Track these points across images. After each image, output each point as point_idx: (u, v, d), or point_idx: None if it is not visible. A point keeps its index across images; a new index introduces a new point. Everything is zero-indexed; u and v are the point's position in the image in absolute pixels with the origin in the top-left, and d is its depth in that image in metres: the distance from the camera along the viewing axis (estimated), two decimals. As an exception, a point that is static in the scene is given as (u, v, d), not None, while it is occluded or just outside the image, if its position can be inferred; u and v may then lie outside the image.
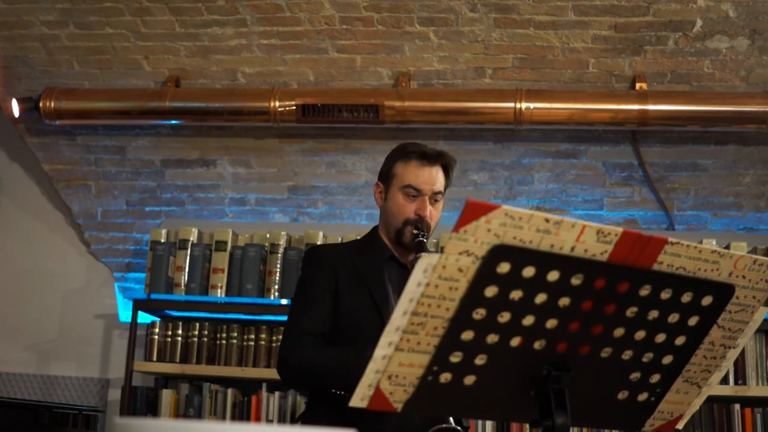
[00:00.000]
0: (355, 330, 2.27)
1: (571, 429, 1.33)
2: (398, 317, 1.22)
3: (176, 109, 4.16)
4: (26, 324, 4.61)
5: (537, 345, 1.30)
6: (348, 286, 2.32)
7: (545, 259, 1.22)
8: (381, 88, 4.12)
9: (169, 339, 4.15)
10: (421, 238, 2.30)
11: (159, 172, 4.49)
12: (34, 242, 4.70)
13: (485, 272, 1.20)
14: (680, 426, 1.52)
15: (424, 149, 2.41)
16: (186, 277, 4.20)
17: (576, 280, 1.25)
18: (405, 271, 2.39)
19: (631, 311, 1.31)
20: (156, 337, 4.16)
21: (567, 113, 3.96)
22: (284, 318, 4.09)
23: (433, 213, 2.38)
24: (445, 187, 2.43)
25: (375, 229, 2.49)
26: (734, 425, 3.80)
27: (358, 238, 2.60)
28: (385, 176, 2.44)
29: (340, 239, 4.15)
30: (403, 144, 2.49)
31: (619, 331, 1.33)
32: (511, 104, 3.96)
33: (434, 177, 2.38)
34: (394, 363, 1.25)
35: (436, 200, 2.39)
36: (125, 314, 4.47)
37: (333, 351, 2.23)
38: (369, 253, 2.41)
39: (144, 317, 4.24)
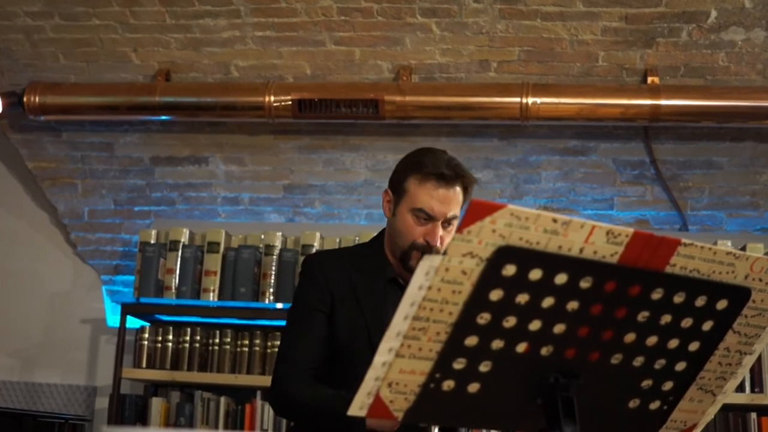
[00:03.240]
0: (346, 356, 2.24)
1: (579, 439, 1.33)
2: (399, 322, 1.22)
3: (166, 105, 4.16)
4: (9, 329, 4.61)
5: (544, 351, 1.30)
6: (343, 309, 2.26)
7: (553, 261, 1.22)
8: (381, 82, 4.12)
9: (159, 345, 4.15)
10: None
11: (148, 170, 4.49)
12: (18, 243, 4.71)
13: (490, 275, 1.20)
14: (694, 436, 1.52)
15: (443, 170, 2.22)
16: (177, 280, 4.20)
17: (585, 283, 1.25)
18: None
19: (642, 316, 1.31)
20: (145, 342, 4.16)
21: (575, 108, 3.96)
22: (280, 323, 4.11)
23: (445, 238, 2.23)
24: (462, 205, 2.26)
25: (381, 238, 2.39)
26: (750, 435, 3.80)
27: (362, 242, 2.50)
28: (396, 188, 2.31)
29: (338, 240, 4.16)
30: (421, 155, 2.31)
31: (630, 337, 1.33)
32: (517, 99, 3.96)
33: (450, 200, 2.22)
34: (394, 370, 1.25)
35: (449, 224, 2.24)
36: (113, 319, 4.47)
37: (329, 396, 2.15)
38: (371, 271, 2.31)
39: (133, 322, 4.24)
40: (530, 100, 3.95)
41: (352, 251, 2.45)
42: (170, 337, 4.15)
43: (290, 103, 4.07)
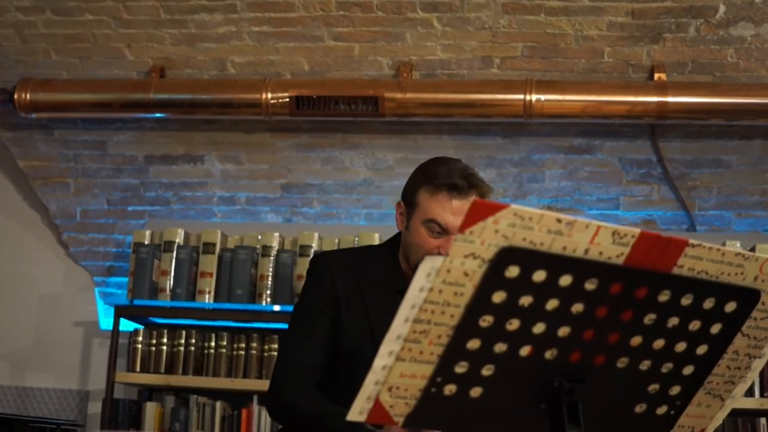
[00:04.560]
0: (351, 363, 2.22)
1: (584, 444, 1.33)
2: (399, 324, 1.22)
3: (161, 102, 4.16)
4: (0, 332, 4.61)
5: (548, 354, 1.30)
6: (349, 316, 2.24)
7: (557, 263, 1.21)
8: (381, 78, 4.12)
9: (154, 348, 4.15)
10: None
11: (142, 169, 4.49)
12: (9, 244, 4.70)
13: (493, 276, 1.20)
14: (702, 441, 1.52)
15: (456, 180, 2.18)
16: (171, 282, 4.20)
17: (590, 285, 1.25)
18: None
19: (649, 318, 1.31)
20: (139, 345, 4.16)
21: (580, 106, 3.97)
22: (277, 325, 4.11)
23: None
24: None
25: (395, 245, 2.35)
26: (760, 441, 3.80)
27: (374, 246, 2.44)
28: (408, 200, 2.27)
29: (336, 241, 4.15)
30: (433, 165, 2.27)
31: (636, 340, 1.33)
32: (521, 96, 3.96)
33: (464, 212, 2.22)
34: (394, 374, 1.25)
35: None
36: (106, 321, 4.47)
37: (328, 410, 2.13)
38: (381, 280, 2.29)
39: (126, 325, 4.24)
40: (534, 97, 3.95)
41: (364, 254, 2.40)
42: (165, 340, 4.15)
43: (288, 100, 4.07)
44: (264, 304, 4.15)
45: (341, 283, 2.26)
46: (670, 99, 3.90)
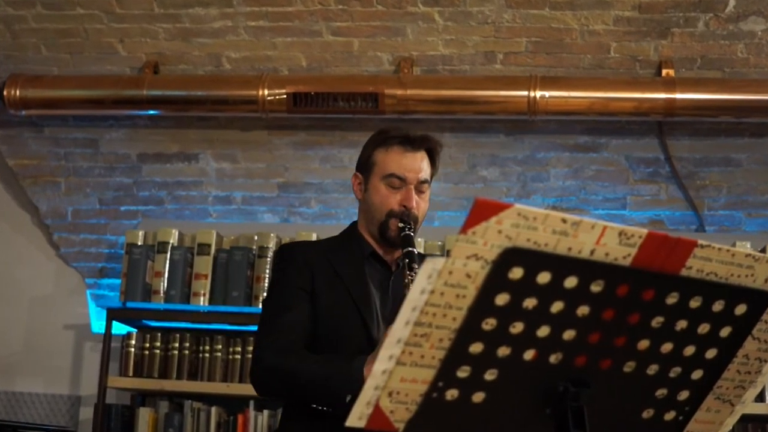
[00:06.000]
0: (333, 332, 2.28)
1: (590, 451, 1.33)
2: (400, 328, 1.22)
3: (154, 98, 4.16)
4: (-11, 335, 4.62)
5: (553, 358, 1.30)
6: (325, 285, 2.32)
7: (562, 264, 1.22)
8: (381, 74, 4.12)
9: (147, 352, 4.15)
10: (407, 232, 2.29)
11: (135, 168, 4.49)
12: (-2, 245, 4.71)
13: (496, 278, 1.20)
14: (711, 448, 1.52)
15: (407, 133, 2.40)
16: (165, 284, 4.20)
17: (596, 287, 1.25)
18: (387, 270, 2.41)
19: (656, 321, 1.32)
20: (132, 349, 4.16)
21: (586, 102, 3.97)
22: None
23: (420, 204, 2.37)
24: (432, 176, 2.42)
25: (353, 224, 2.49)
26: (771, 447, 3.80)
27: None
28: (364, 166, 2.43)
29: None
30: (382, 129, 2.49)
31: (643, 343, 1.34)
32: (525, 92, 3.96)
33: (419, 164, 2.37)
34: (395, 378, 1.25)
35: (422, 190, 2.38)
36: (98, 324, 4.47)
37: (316, 359, 2.20)
38: (347, 249, 2.41)
39: (119, 328, 4.24)
40: (538, 93, 3.95)
41: (327, 239, 2.54)
42: (158, 343, 4.15)
43: (285, 96, 4.07)
44: (260, 306, 4.14)
45: (312, 260, 2.36)
46: (679, 95, 3.90)
